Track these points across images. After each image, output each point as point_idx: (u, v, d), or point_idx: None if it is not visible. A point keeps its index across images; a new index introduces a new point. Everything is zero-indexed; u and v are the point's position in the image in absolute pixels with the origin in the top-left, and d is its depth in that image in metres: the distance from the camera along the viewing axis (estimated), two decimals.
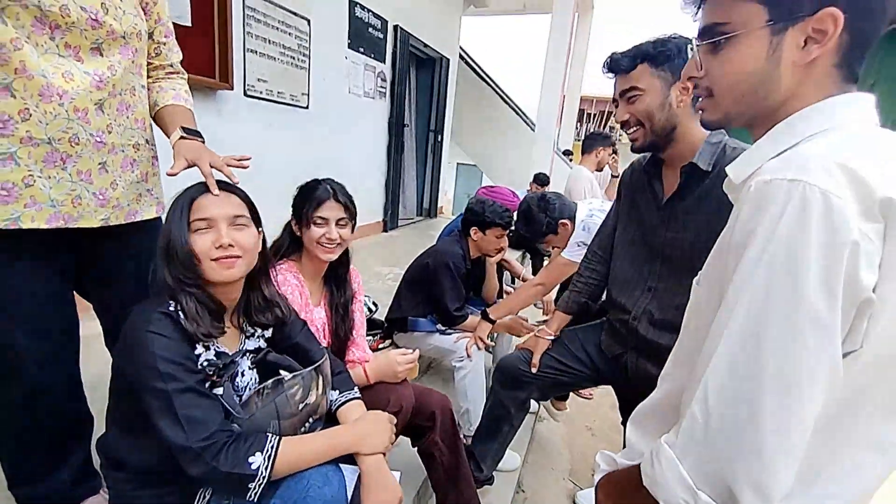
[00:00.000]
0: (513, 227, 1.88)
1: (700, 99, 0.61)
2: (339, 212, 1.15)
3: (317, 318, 1.21)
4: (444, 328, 1.86)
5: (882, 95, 0.52)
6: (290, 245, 1.20)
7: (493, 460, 1.57)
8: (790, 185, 0.44)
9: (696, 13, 0.58)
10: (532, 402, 2.16)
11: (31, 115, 0.75)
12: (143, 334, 0.71)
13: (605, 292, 1.35)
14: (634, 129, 1.06)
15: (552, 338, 1.41)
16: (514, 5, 7.73)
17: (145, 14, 0.93)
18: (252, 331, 0.92)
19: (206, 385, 0.78)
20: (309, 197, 1.14)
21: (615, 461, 0.73)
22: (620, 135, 7.31)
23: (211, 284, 0.80)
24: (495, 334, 2.16)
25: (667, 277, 1.11)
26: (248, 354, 0.90)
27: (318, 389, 0.90)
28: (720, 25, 0.54)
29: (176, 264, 0.76)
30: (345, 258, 1.24)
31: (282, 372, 0.88)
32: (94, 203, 0.86)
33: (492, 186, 2.85)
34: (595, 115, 13.03)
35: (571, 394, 2.27)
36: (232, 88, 2.44)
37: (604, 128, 12.10)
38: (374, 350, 1.99)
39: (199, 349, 0.79)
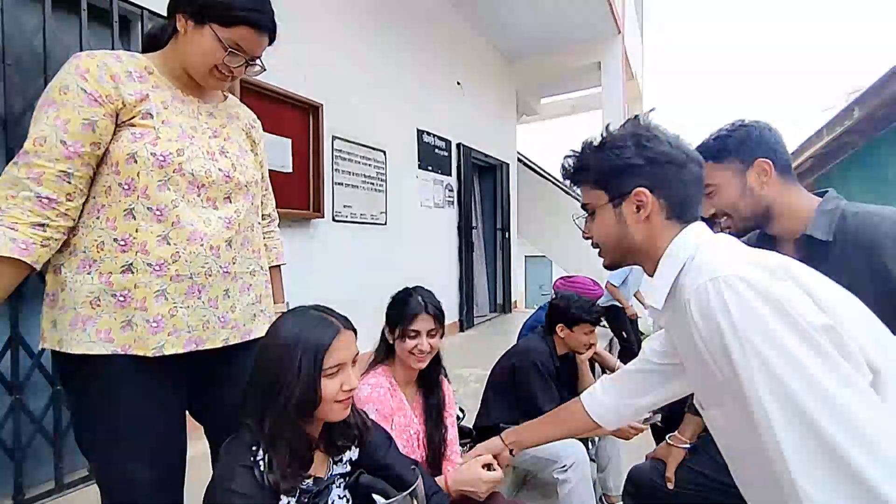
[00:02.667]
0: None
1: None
2: (431, 323, 1.19)
3: (412, 423, 1.20)
4: None
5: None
6: (385, 352, 1.25)
7: None
8: (713, 283, 0.56)
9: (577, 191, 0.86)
10: None
11: (180, 257, 0.89)
12: (225, 494, 0.70)
13: None
14: (723, 219, 1.05)
15: (688, 446, 1.21)
16: (563, 109, 8.34)
17: None
18: (339, 455, 0.89)
19: None
20: (402, 310, 1.19)
21: None
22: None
23: (309, 422, 0.80)
24: (597, 437, 1.94)
25: None
26: (338, 479, 0.87)
27: None
28: (587, 205, 0.81)
29: (286, 411, 0.73)
30: (435, 360, 1.26)
31: (375, 497, 0.84)
32: (218, 325, 0.95)
33: (570, 276, 2.80)
34: None
35: None
36: (323, 216, 2.80)
37: None
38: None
39: (284, 500, 0.75)
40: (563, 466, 1.61)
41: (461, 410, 2.03)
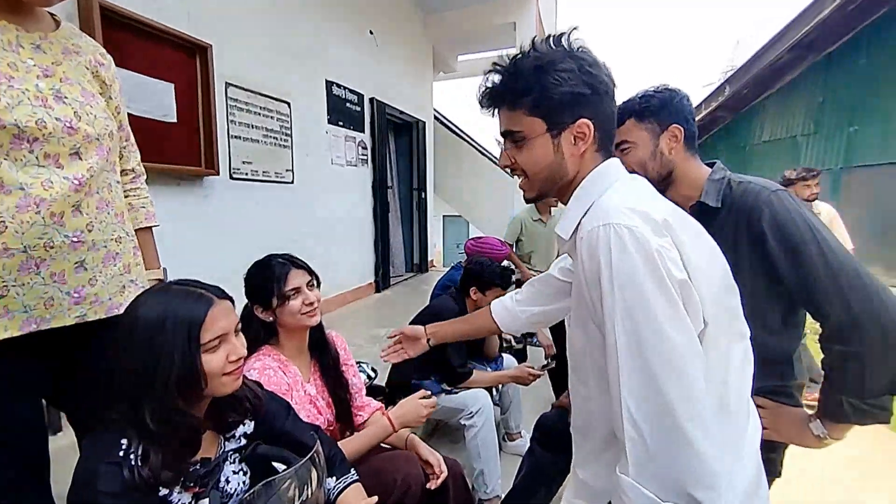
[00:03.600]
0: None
1: (519, 179, 0.80)
2: (305, 275, 1.16)
3: (312, 393, 1.19)
4: (449, 388, 1.83)
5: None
6: (263, 335, 1.16)
7: None
8: (604, 228, 0.60)
9: (493, 115, 0.78)
10: None
11: (6, 228, 0.75)
12: (91, 496, 0.63)
13: None
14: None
15: None
16: (481, 67, 8.26)
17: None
18: (230, 431, 0.85)
19: (192, 499, 0.73)
20: (270, 277, 1.13)
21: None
22: None
23: (195, 403, 0.75)
24: (500, 386, 2.12)
25: None
26: (231, 456, 0.84)
27: (313, 483, 0.84)
28: (517, 132, 0.73)
29: (167, 395, 0.68)
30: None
31: (275, 465, 0.83)
32: (68, 301, 0.84)
33: (479, 237, 2.90)
34: None
35: None
36: (218, 174, 2.53)
37: None
38: None
39: (164, 490, 0.70)
40: (470, 413, 1.74)
41: (373, 370, 2.07)
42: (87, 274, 0.87)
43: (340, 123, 3.92)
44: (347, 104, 4.03)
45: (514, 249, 3.35)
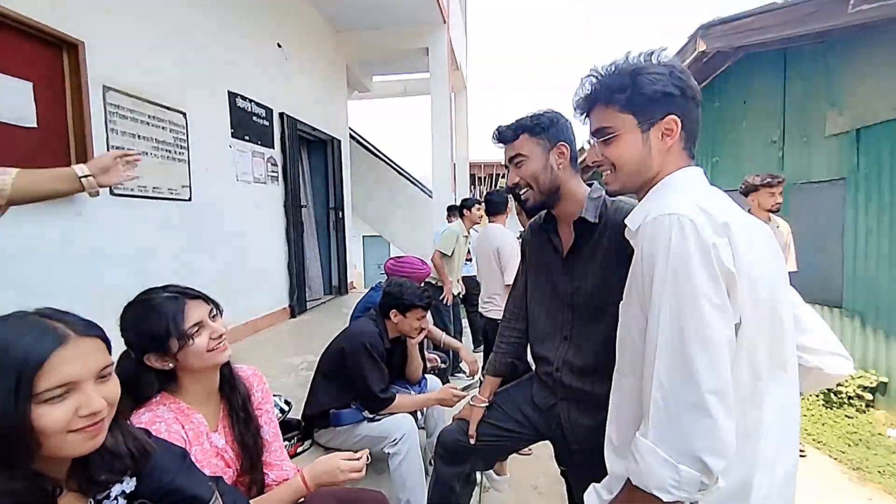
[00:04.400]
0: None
1: (605, 174, 0.86)
2: (204, 305, 0.99)
3: (220, 445, 1.01)
4: (371, 415, 1.72)
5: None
6: (158, 383, 0.96)
7: None
8: (670, 216, 0.66)
9: (584, 119, 0.88)
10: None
11: None
12: None
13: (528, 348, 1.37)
14: (525, 190, 1.17)
15: (486, 404, 1.36)
16: (396, 89, 8.39)
17: None
18: (103, 492, 0.69)
19: None
20: (161, 316, 0.92)
21: (602, 496, 0.78)
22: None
23: (38, 462, 0.59)
24: (424, 409, 2.05)
25: (578, 325, 1.16)
26: None
27: None
28: (608, 128, 0.81)
29: None
30: None
31: None
32: None
33: (399, 257, 2.85)
34: (485, 177, 14.21)
35: (511, 455, 2.20)
36: None
37: (496, 188, 13.20)
38: (293, 456, 1.75)
39: None
40: (394, 440, 1.65)
41: (287, 403, 1.89)
42: None
43: (247, 138, 3.65)
44: (254, 118, 3.78)
45: (444, 260, 3.44)
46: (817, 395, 3.43)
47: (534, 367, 1.32)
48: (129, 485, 0.72)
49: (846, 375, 0.84)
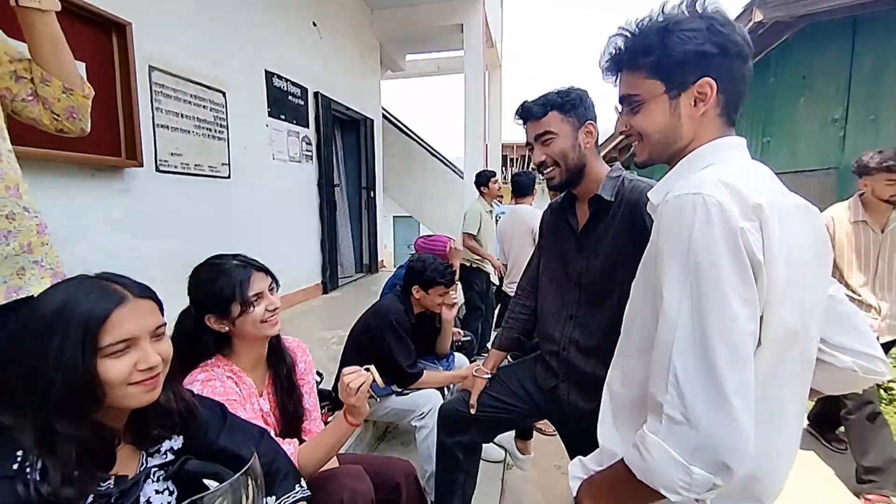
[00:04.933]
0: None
1: (634, 144, 0.78)
2: (266, 279, 1.06)
3: (266, 409, 1.08)
4: (399, 390, 1.77)
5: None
6: (215, 348, 1.03)
7: None
8: (694, 197, 0.59)
9: (616, 81, 0.77)
10: (498, 450, 2.08)
11: None
12: None
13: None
14: (551, 168, 1.15)
15: (489, 376, 1.39)
16: (429, 68, 8.28)
17: None
18: (154, 446, 0.76)
19: None
20: (230, 280, 0.99)
21: (588, 467, 0.76)
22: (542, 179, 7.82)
23: (102, 411, 0.64)
24: (451, 385, 2.08)
25: (585, 305, 1.16)
26: (154, 474, 0.74)
27: (247, 500, 0.76)
28: (634, 96, 0.73)
29: (50, 404, 0.58)
30: None
31: (206, 482, 0.74)
32: None
33: (429, 235, 2.87)
34: (517, 158, 13.96)
35: (535, 434, 2.22)
36: (141, 165, 2.30)
37: (527, 170, 12.96)
38: (324, 423, 1.83)
39: None
40: (421, 414, 1.69)
41: (318, 374, 1.96)
42: None
43: (283, 117, 3.72)
44: (290, 97, 3.84)
45: (474, 240, 3.38)
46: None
47: (540, 346, 1.32)
48: (177, 442, 0.78)
49: (880, 379, 0.76)
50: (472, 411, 1.35)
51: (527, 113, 1.16)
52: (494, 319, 3.74)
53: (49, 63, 0.91)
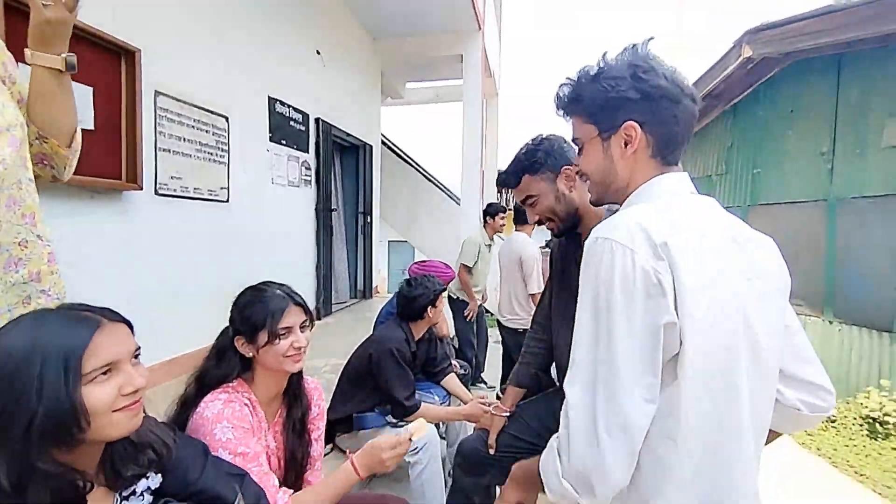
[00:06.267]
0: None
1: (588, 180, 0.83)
2: (301, 315, 1.04)
3: (272, 446, 1.04)
4: (395, 421, 1.72)
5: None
6: (240, 371, 1.02)
7: None
8: (603, 241, 0.63)
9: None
10: None
11: None
12: None
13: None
14: (547, 222, 1.18)
15: (507, 414, 1.36)
16: (428, 95, 8.48)
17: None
18: (130, 488, 0.71)
19: None
20: (264, 309, 0.98)
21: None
22: None
23: (78, 451, 0.62)
24: (445, 424, 2.04)
25: None
26: None
27: None
28: (577, 139, 0.81)
29: (30, 444, 0.55)
30: None
31: None
32: None
33: (423, 261, 2.86)
34: (498, 174, 14.11)
35: None
36: (140, 188, 2.30)
37: None
38: None
39: None
40: (415, 448, 1.64)
41: None
42: None
43: (283, 142, 3.77)
44: (291, 122, 3.90)
45: (469, 272, 3.36)
46: (860, 425, 3.22)
47: (557, 382, 1.30)
48: (155, 481, 0.74)
49: (823, 417, 0.76)
50: (492, 451, 1.31)
51: (505, 183, 1.22)
52: (497, 351, 3.70)
53: (36, 116, 0.86)
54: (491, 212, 3.51)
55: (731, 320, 0.62)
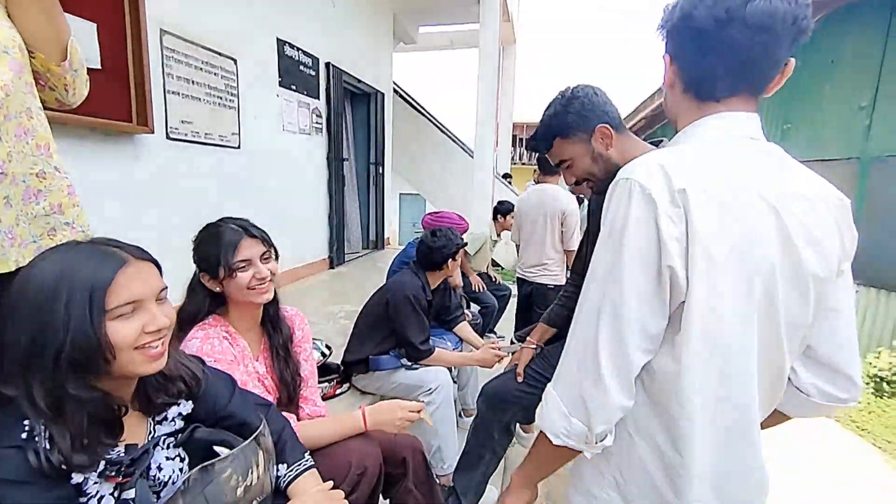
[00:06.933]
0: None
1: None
2: (259, 246, 1.05)
3: (261, 371, 1.10)
4: (409, 363, 1.78)
5: None
6: (210, 305, 1.07)
7: (476, 494, 1.48)
8: (624, 181, 0.61)
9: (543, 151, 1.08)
10: (493, 491, 2.11)
11: None
12: None
13: None
14: (586, 183, 1.13)
15: (534, 347, 1.40)
16: (442, 41, 8.07)
17: None
18: (162, 413, 0.76)
19: (114, 490, 0.63)
20: (218, 243, 1.01)
21: None
22: None
23: (108, 380, 0.64)
24: (457, 368, 2.10)
25: None
26: (165, 441, 0.74)
27: (258, 467, 0.77)
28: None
29: (58, 371, 0.58)
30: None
31: (217, 449, 0.74)
32: (6, 243, 0.75)
33: (436, 212, 2.84)
34: (527, 138, 13.75)
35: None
36: (152, 132, 2.27)
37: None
38: (331, 397, 1.86)
39: (78, 477, 0.60)
40: (429, 390, 1.71)
41: (327, 347, 1.98)
42: (13, 212, 0.77)
43: (293, 88, 3.65)
44: (301, 67, 3.76)
45: (468, 258, 3.39)
46: (867, 383, 3.25)
47: None
48: (186, 407, 0.79)
49: (838, 408, 0.69)
50: (519, 379, 1.37)
51: (535, 149, 1.16)
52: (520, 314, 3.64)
53: (16, 24, 0.79)
54: (502, 210, 3.67)
55: (745, 277, 0.57)
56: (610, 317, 0.59)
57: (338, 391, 1.90)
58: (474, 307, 3.20)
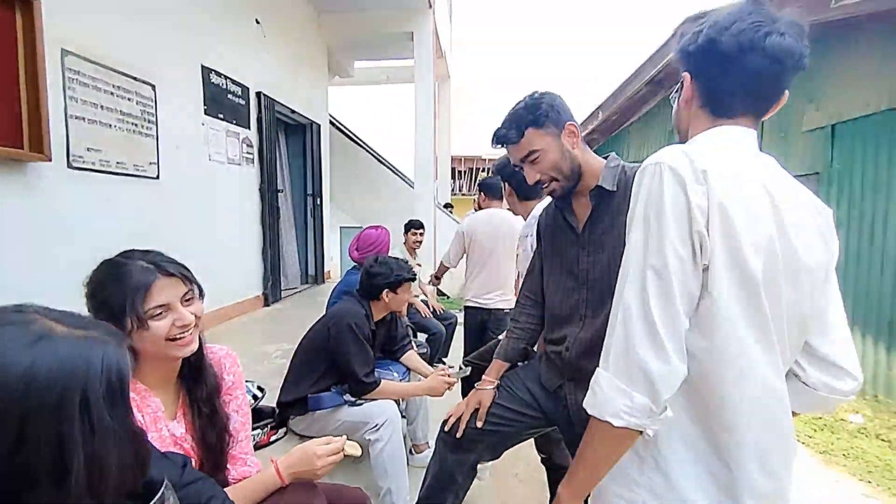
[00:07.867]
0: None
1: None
2: (179, 286, 0.85)
3: (179, 433, 0.91)
4: (352, 399, 1.64)
5: None
6: None
7: None
8: (654, 166, 0.67)
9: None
10: None
11: None
12: None
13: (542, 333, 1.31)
14: (549, 183, 1.11)
15: (493, 387, 1.29)
16: (379, 76, 8.22)
17: None
18: None
19: None
20: (122, 286, 0.79)
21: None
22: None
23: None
24: (405, 401, 1.98)
25: (594, 303, 1.11)
26: None
27: None
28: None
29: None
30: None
31: None
32: None
33: (358, 236, 2.72)
34: (465, 171, 14.16)
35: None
36: (49, 160, 2.01)
37: (474, 183, 13.17)
38: (265, 445, 1.66)
39: None
40: (376, 426, 1.58)
41: (260, 389, 1.80)
42: None
43: (221, 116, 3.48)
44: (230, 96, 3.61)
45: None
46: None
47: (544, 350, 1.27)
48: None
49: (845, 400, 0.77)
50: (479, 424, 1.25)
51: (505, 139, 1.13)
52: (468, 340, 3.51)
53: None
54: (414, 225, 3.88)
55: (756, 249, 0.64)
56: (656, 285, 0.63)
57: (272, 438, 1.71)
58: (421, 336, 3.10)
